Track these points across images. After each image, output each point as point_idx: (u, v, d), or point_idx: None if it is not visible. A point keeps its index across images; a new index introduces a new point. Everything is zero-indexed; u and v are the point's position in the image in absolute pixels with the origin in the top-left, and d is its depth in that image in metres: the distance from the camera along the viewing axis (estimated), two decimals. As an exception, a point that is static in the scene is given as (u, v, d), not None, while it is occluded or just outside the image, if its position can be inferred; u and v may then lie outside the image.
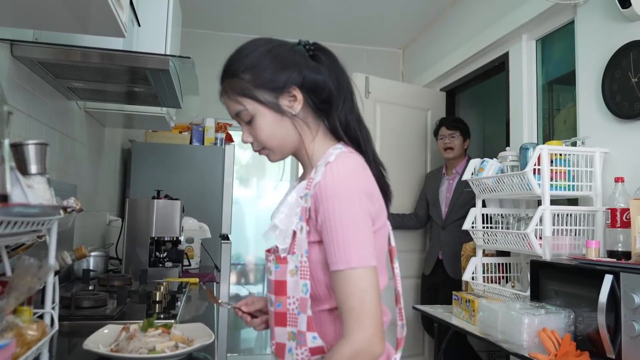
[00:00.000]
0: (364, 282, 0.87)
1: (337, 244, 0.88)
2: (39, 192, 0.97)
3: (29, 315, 0.95)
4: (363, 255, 0.88)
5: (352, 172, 0.92)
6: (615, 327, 1.53)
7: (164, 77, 1.78)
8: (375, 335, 0.86)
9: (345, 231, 0.88)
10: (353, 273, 0.87)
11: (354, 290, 0.87)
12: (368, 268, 0.88)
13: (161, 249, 2.58)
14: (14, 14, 1.30)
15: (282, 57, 0.99)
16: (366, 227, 0.90)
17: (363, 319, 0.86)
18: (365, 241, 0.89)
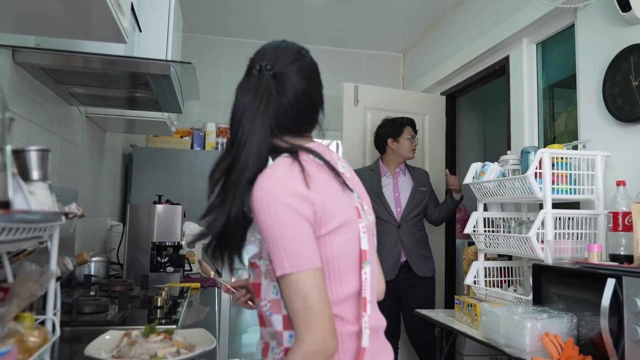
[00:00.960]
0: (304, 285, 0.88)
1: (273, 251, 0.89)
2: (40, 198, 0.97)
3: (30, 322, 0.95)
4: (297, 260, 0.88)
5: (278, 179, 0.91)
6: (618, 331, 1.52)
7: (165, 82, 1.79)
8: (326, 334, 0.87)
9: (275, 239, 0.89)
10: (290, 278, 0.88)
11: (295, 293, 0.88)
12: (306, 271, 0.88)
13: (162, 254, 2.57)
14: (16, 20, 1.31)
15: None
16: (298, 230, 0.89)
17: (310, 319, 0.86)
18: (298, 246, 0.88)
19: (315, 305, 0.87)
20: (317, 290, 0.88)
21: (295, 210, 0.89)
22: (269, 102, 0.97)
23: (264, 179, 0.91)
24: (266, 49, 1.05)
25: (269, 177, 0.92)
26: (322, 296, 0.89)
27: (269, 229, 0.89)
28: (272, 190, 0.90)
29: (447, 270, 3.81)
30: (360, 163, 3.53)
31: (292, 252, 0.88)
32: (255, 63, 1.01)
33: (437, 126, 3.82)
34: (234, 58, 4.26)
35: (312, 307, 0.87)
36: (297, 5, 3.65)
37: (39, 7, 1.20)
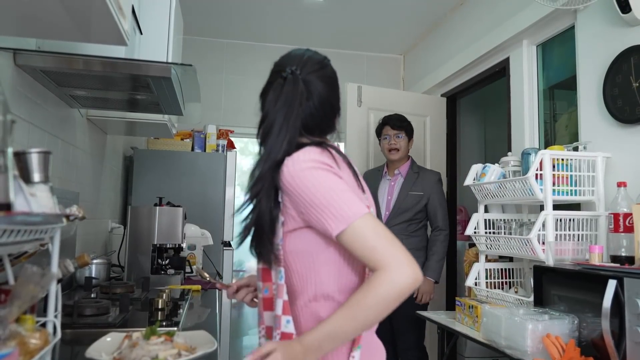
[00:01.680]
0: (371, 224, 0.90)
1: (324, 213, 0.91)
2: (41, 200, 0.97)
3: (31, 324, 0.95)
4: (354, 209, 0.91)
5: (309, 153, 0.96)
6: (620, 332, 1.52)
7: (166, 84, 1.79)
8: (410, 260, 0.88)
9: (328, 196, 0.91)
10: (355, 225, 0.90)
11: (366, 234, 0.90)
12: (365, 214, 0.91)
13: (163, 256, 2.57)
14: (17, 23, 1.31)
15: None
16: (341, 184, 0.94)
17: (389, 248, 0.89)
18: (349, 197, 0.92)
19: (388, 235, 0.90)
20: (381, 225, 0.92)
21: (333, 172, 0.95)
22: (302, 104, 1.03)
23: (295, 158, 0.95)
24: (293, 56, 1.10)
25: (301, 154, 0.96)
26: (388, 230, 0.92)
27: (315, 191, 0.92)
28: (305, 161, 0.94)
29: (448, 272, 3.80)
30: (364, 164, 3.53)
31: (347, 203, 0.91)
32: (285, 67, 1.06)
33: (438, 128, 3.82)
34: (234, 60, 4.27)
35: (387, 238, 0.90)
36: (297, 7, 3.66)
37: (40, 10, 1.20)
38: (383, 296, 0.88)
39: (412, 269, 0.87)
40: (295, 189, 0.93)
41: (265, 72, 1.11)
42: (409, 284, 0.87)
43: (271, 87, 1.07)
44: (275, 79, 1.08)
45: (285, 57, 1.11)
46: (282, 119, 1.00)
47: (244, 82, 4.25)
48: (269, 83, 1.10)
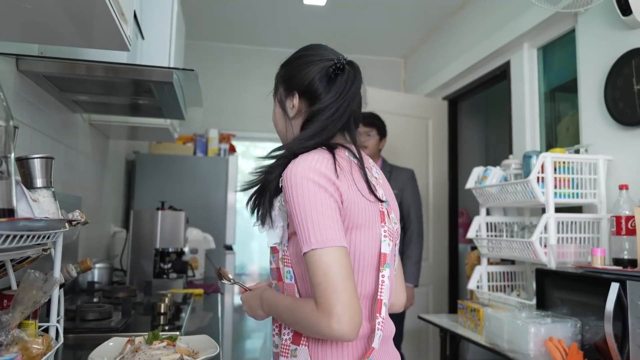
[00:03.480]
0: (327, 259, 0.89)
1: (301, 228, 0.92)
2: (44, 205, 0.98)
3: (34, 329, 0.95)
4: (325, 236, 0.90)
5: (312, 161, 0.95)
6: (623, 335, 1.51)
7: (168, 89, 1.80)
8: (343, 312, 0.86)
9: (305, 215, 0.91)
10: (315, 253, 0.89)
11: (317, 268, 0.89)
12: (332, 248, 0.89)
13: (165, 260, 2.58)
14: (20, 28, 1.32)
15: (303, 67, 1.08)
16: (326, 208, 0.92)
17: (329, 293, 0.87)
18: (326, 222, 0.91)
19: (335, 280, 0.88)
20: (340, 266, 0.89)
21: (325, 189, 0.93)
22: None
23: (298, 161, 0.96)
24: (323, 47, 1.15)
25: (302, 160, 0.96)
26: (345, 273, 0.89)
27: (298, 205, 0.92)
28: (303, 170, 0.94)
29: (450, 275, 3.80)
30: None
31: (319, 228, 0.90)
32: (332, 57, 1.08)
33: (439, 131, 3.83)
34: (235, 64, 4.28)
35: (333, 282, 0.87)
36: (298, 11, 3.67)
37: (42, 16, 1.21)
38: (310, 327, 0.90)
39: (338, 325, 0.86)
40: (287, 192, 0.94)
41: (267, 76, 1.12)
42: (330, 336, 0.88)
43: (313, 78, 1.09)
44: (320, 71, 1.09)
45: (317, 46, 1.15)
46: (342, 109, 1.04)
47: (246, 86, 4.26)
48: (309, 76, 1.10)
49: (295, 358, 0.97)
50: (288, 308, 0.96)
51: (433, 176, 3.76)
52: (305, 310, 0.91)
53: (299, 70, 1.08)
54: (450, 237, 3.83)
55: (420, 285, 3.59)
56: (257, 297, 1.07)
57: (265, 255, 4.56)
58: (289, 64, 1.12)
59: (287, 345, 0.99)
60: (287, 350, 0.99)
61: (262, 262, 4.76)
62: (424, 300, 3.65)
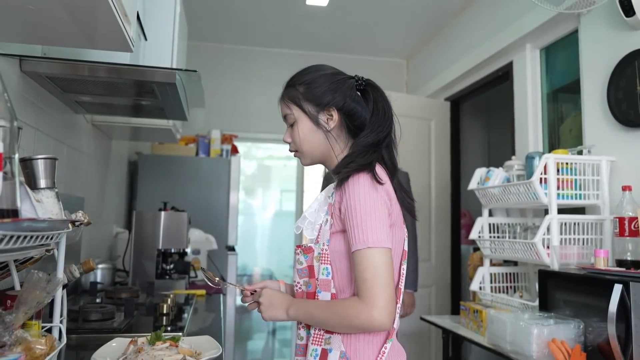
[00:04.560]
0: (378, 259, 1.00)
1: (358, 227, 1.02)
2: (47, 206, 0.98)
3: (37, 330, 0.95)
4: (378, 237, 1.01)
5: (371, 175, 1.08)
6: (626, 337, 1.51)
7: (171, 90, 1.80)
8: (384, 306, 0.97)
9: (364, 216, 1.02)
10: (369, 251, 1.00)
11: (368, 265, 1.00)
12: (382, 249, 1.01)
13: (168, 261, 2.58)
14: (23, 29, 1.32)
15: (333, 83, 1.19)
16: (382, 214, 1.04)
17: (375, 288, 0.98)
18: (381, 226, 1.02)
19: (383, 277, 0.99)
20: (387, 265, 1.01)
21: (381, 196, 1.06)
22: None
23: (363, 173, 1.07)
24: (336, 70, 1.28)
25: (367, 172, 1.07)
26: (391, 272, 1.01)
27: (358, 208, 1.03)
28: (366, 178, 1.06)
29: (452, 276, 3.80)
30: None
31: (375, 230, 1.01)
32: (348, 77, 1.24)
33: (442, 132, 3.83)
34: (238, 65, 4.28)
35: (381, 279, 0.99)
36: (300, 12, 3.67)
37: (46, 17, 1.21)
38: (348, 319, 1.01)
39: (379, 316, 0.97)
40: (349, 196, 1.05)
41: (269, 76, 1.14)
42: (370, 325, 0.99)
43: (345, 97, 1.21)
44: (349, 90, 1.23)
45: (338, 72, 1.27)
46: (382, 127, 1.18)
47: (248, 87, 4.27)
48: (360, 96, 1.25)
49: (329, 345, 1.07)
50: (322, 307, 1.06)
51: (435, 177, 3.75)
52: (345, 304, 1.02)
53: (331, 88, 1.18)
54: (452, 238, 3.83)
55: (423, 287, 3.60)
56: (285, 300, 1.14)
57: (266, 256, 4.57)
58: (311, 82, 1.19)
59: (321, 335, 1.09)
60: (320, 339, 1.09)
61: (264, 263, 4.76)
62: (426, 301, 3.64)
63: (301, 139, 1.19)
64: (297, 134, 1.19)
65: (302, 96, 1.19)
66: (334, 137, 1.18)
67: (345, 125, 1.19)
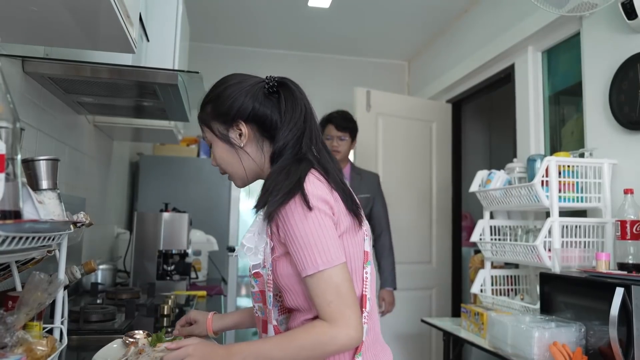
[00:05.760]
0: (335, 278, 0.92)
1: (303, 252, 0.93)
2: (49, 207, 0.98)
3: (38, 331, 0.95)
4: (329, 256, 0.92)
5: (314, 186, 0.97)
6: (628, 340, 1.51)
7: (173, 91, 1.80)
8: (357, 324, 0.91)
9: (307, 239, 0.93)
10: (323, 274, 0.92)
11: (328, 287, 0.92)
12: (336, 266, 0.93)
13: (169, 262, 2.58)
14: (26, 31, 1.33)
15: (239, 93, 1.08)
16: (327, 229, 0.94)
17: (344, 309, 0.91)
18: (328, 242, 0.93)
19: (347, 295, 0.92)
20: (347, 281, 0.94)
21: (324, 212, 0.95)
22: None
23: (291, 200, 0.95)
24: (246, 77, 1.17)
25: (296, 197, 0.95)
26: (351, 287, 0.94)
27: (300, 233, 0.93)
28: (301, 204, 0.94)
29: (453, 278, 3.79)
30: (373, 169, 3.51)
31: (324, 250, 0.92)
32: (260, 80, 1.13)
33: (443, 134, 3.83)
34: (239, 66, 4.26)
35: (345, 298, 0.92)
36: (302, 14, 3.67)
37: (48, 19, 1.22)
38: (320, 346, 0.91)
39: (356, 334, 0.91)
40: (285, 221, 0.95)
41: None
42: (347, 345, 0.92)
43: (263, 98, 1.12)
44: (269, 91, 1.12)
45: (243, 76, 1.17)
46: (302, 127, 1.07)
47: (250, 88, 4.26)
48: (258, 100, 1.13)
49: None
50: (281, 345, 0.93)
51: (437, 179, 3.75)
52: (312, 332, 0.92)
53: (236, 99, 1.08)
54: (453, 241, 3.82)
55: (424, 289, 3.60)
56: (222, 354, 0.94)
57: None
58: (216, 99, 1.10)
59: None
60: None
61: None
62: (427, 303, 3.64)
63: (220, 161, 1.12)
64: (216, 156, 1.12)
65: (210, 116, 1.11)
66: (253, 152, 1.09)
67: (261, 135, 1.09)
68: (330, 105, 4.45)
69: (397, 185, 3.56)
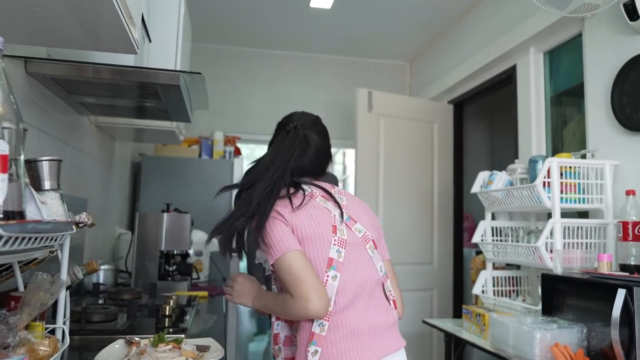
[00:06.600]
0: (288, 261, 1.18)
1: (267, 248, 1.22)
2: (52, 207, 0.98)
3: (41, 331, 0.95)
4: (281, 246, 1.19)
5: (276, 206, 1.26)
6: (630, 342, 1.51)
7: (174, 92, 1.80)
8: (312, 297, 1.13)
9: (267, 239, 1.22)
10: (279, 260, 1.19)
11: (283, 270, 1.18)
12: (288, 252, 1.18)
13: (170, 262, 2.58)
14: (29, 31, 1.33)
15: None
16: (280, 229, 1.21)
17: (297, 284, 1.15)
18: (281, 237, 1.20)
19: (299, 272, 1.16)
20: (299, 263, 1.18)
21: (280, 220, 1.23)
22: (302, 152, 1.33)
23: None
24: (293, 115, 1.41)
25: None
26: (304, 266, 1.17)
27: (265, 235, 1.22)
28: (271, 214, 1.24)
29: (455, 279, 3.79)
30: (374, 170, 3.51)
31: (277, 243, 1.20)
32: (288, 123, 1.37)
33: (445, 134, 3.82)
34: (241, 67, 4.29)
35: (297, 274, 1.16)
36: (304, 15, 3.67)
37: (51, 20, 1.22)
38: (288, 310, 1.19)
39: (312, 305, 1.13)
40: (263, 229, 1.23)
41: (272, 78, 1.15)
42: (305, 315, 1.16)
43: (276, 138, 1.39)
44: (279, 132, 1.39)
45: (287, 116, 1.41)
46: (278, 162, 1.30)
47: (251, 89, 4.27)
48: (274, 135, 1.40)
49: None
50: (272, 300, 1.28)
51: (438, 180, 3.75)
52: (284, 300, 1.20)
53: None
54: (455, 241, 3.82)
55: (425, 290, 3.60)
56: (253, 290, 1.35)
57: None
58: None
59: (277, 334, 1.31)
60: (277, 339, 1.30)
61: (266, 265, 4.75)
62: (429, 304, 3.64)
63: None
64: None
65: None
66: None
67: None
68: (332, 105, 4.46)
69: (398, 186, 3.56)
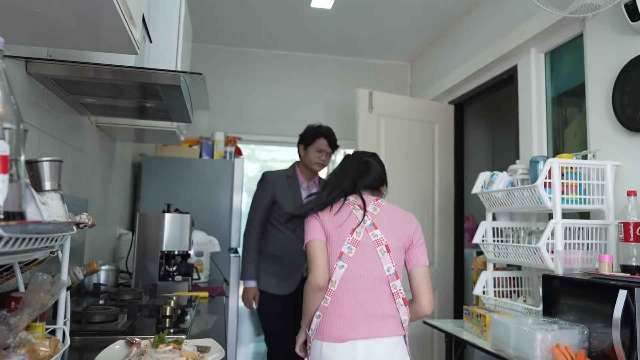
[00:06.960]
0: (310, 245, 1.70)
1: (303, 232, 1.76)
2: (53, 208, 0.98)
3: (41, 332, 0.95)
4: (308, 235, 1.71)
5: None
6: (631, 343, 1.50)
7: (175, 92, 1.80)
8: (317, 275, 1.65)
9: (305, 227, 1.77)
10: (307, 243, 1.71)
11: (307, 249, 1.70)
12: (309, 241, 1.70)
13: (171, 263, 2.58)
14: (30, 32, 1.33)
15: None
16: (313, 226, 1.73)
17: (310, 264, 1.68)
18: (310, 229, 1.72)
19: (312, 254, 1.68)
20: (313, 251, 1.69)
21: (315, 219, 1.76)
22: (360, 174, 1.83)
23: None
24: (358, 151, 1.94)
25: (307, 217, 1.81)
26: (317, 252, 1.68)
27: (305, 226, 1.76)
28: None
29: (455, 280, 3.79)
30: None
31: (307, 233, 1.73)
32: (356, 153, 1.91)
33: (445, 135, 3.82)
34: (242, 67, 4.29)
35: (311, 255, 1.68)
36: (305, 15, 3.67)
37: (52, 20, 1.22)
38: (305, 286, 1.70)
39: (313, 278, 1.65)
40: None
41: (273, 78, 1.14)
42: (309, 281, 1.66)
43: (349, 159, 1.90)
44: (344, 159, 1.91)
45: (355, 152, 1.94)
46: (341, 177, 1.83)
47: (252, 89, 4.27)
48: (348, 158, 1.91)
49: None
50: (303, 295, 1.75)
51: (439, 180, 3.74)
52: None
53: None
54: (456, 242, 3.82)
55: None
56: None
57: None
58: None
59: None
60: None
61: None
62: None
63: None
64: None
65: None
66: None
67: None
68: (333, 106, 4.47)
69: (399, 186, 3.55)
